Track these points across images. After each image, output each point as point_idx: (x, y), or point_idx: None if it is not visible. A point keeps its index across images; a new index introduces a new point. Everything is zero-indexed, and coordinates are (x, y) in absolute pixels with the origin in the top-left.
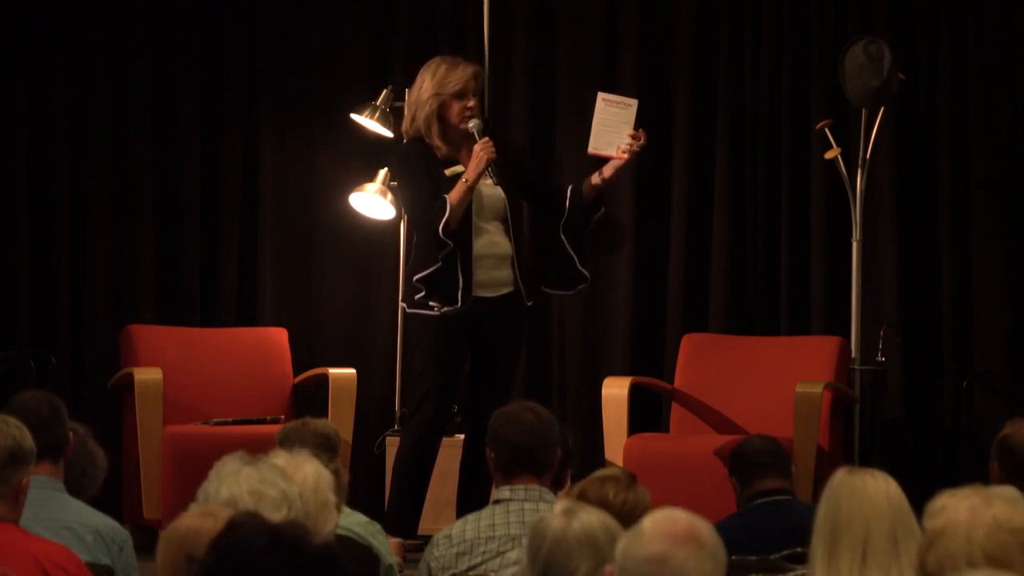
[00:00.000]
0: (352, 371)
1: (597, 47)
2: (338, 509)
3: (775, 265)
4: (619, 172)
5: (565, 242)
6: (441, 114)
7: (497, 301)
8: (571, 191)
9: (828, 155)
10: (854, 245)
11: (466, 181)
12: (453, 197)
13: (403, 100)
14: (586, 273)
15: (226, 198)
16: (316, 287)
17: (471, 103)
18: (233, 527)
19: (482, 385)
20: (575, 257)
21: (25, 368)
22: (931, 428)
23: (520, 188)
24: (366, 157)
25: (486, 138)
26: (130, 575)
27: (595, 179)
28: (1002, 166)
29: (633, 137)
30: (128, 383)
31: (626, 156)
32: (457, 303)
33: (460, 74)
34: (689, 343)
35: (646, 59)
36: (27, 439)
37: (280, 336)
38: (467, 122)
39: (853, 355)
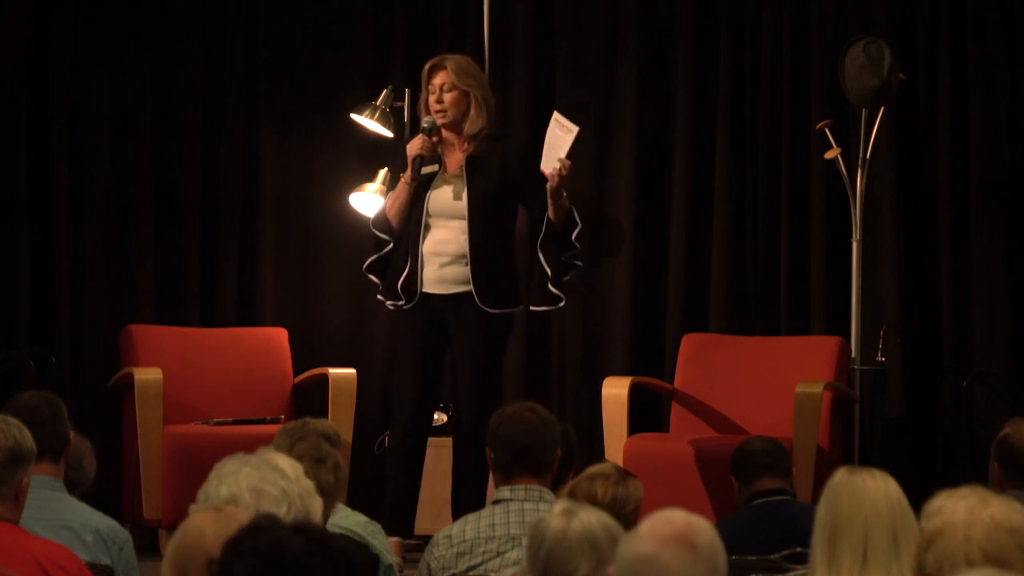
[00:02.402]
0: (352, 371)
1: (597, 48)
2: (333, 503)
3: (775, 265)
4: (560, 194)
5: (542, 259)
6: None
7: (453, 299)
8: (548, 213)
9: (828, 155)
10: (854, 245)
11: (401, 177)
12: (392, 194)
13: (403, 100)
14: (559, 294)
15: (226, 198)
16: (316, 287)
17: (433, 96)
18: (258, 528)
19: (458, 384)
20: (548, 275)
21: (25, 368)
22: (931, 428)
23: (511, 192)
24: (366, 157)
25: (418, 135)
26: (130, 575)
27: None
28: (1002, 166)
29: (560, 162)
30: (128, 383)
31: (553, 181)
32: (400, 298)
33: (425, 69)
34: (689, 343)
35: (646, 60)
36: (27, 439)
37: (280, 336)
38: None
39: (853, 355)
